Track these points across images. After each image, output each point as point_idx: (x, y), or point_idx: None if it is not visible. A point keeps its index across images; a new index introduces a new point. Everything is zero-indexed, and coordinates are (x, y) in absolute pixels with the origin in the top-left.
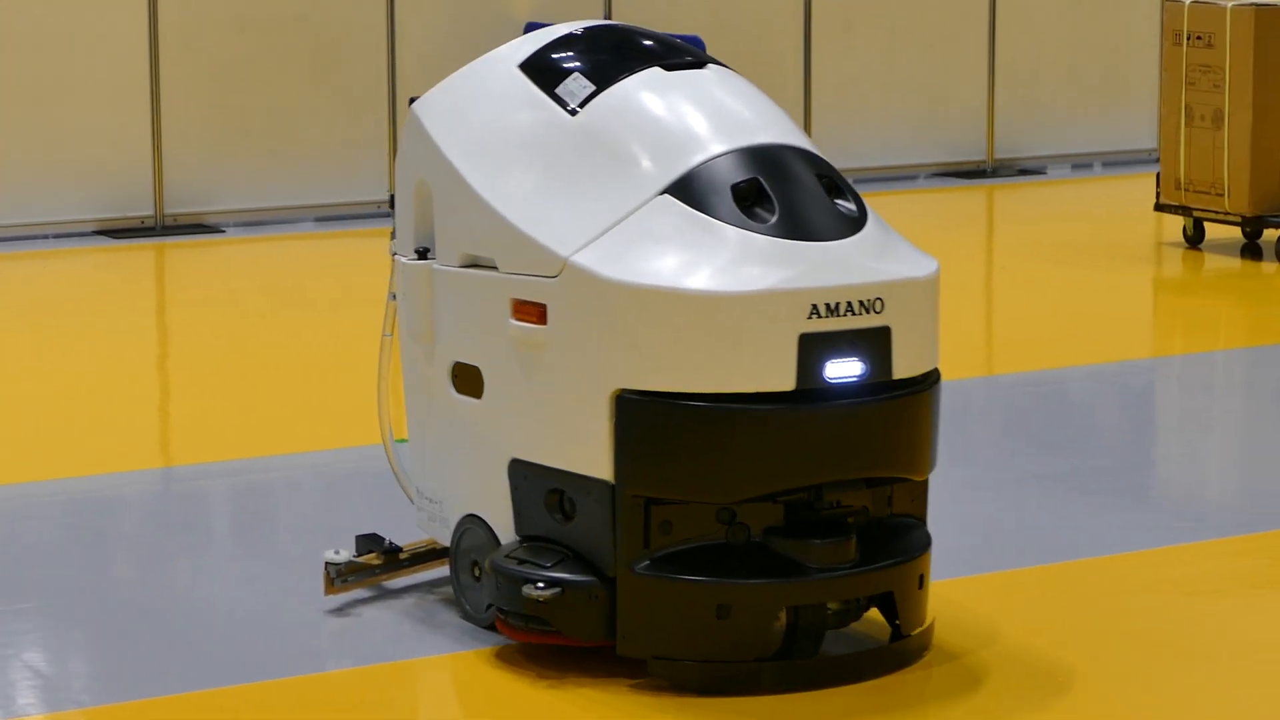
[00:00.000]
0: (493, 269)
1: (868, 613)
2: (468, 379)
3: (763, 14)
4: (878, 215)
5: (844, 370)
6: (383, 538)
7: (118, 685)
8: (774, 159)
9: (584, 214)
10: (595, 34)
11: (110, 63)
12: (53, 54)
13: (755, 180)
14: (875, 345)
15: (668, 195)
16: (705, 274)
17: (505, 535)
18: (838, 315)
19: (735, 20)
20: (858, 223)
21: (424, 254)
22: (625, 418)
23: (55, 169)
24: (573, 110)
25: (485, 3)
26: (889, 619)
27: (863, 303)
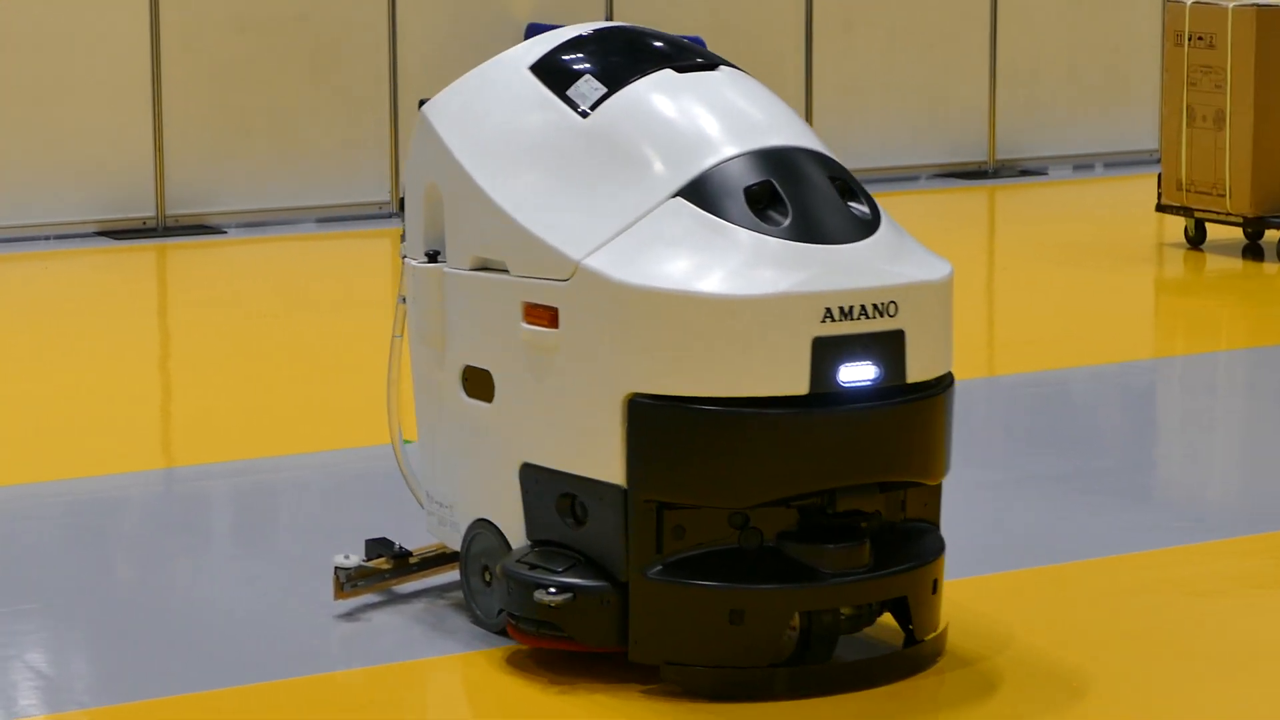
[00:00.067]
0: (504, 272)
1: (881, 618)
2: (478, 383)
3: (763, 14)
4: (891, 218)
5: (858, 374)
6: (392, 542)
7: (119, 686)
8: (787, 161)
9: (596, 217)
10: (606, 35)
11: (111, 63)
12: (53, 54)
13: (768, 183)
14: (889, 349)
15: (680, 198)
16: (718, 277)
17: (516, 540)
18: (851, 319)
19: (735, 20)
20: (871, 225)
21: (434, 257)
22: (638, 422)
23: (56, 169)
24: (584, 112)
25: (486, 3)
26: (902, 624)
27: (876, 306)
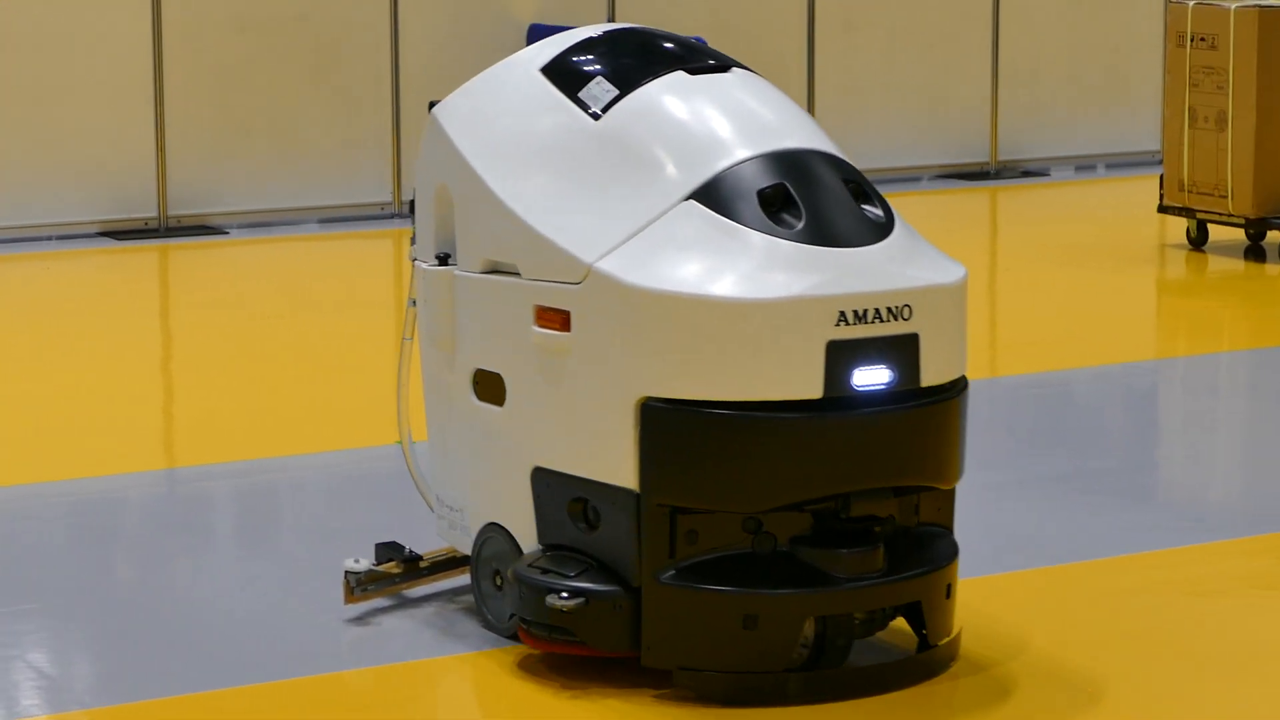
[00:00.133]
0: (515, 275)
1: (895, 622)
2: (489, 386)
3: (764, 14)
4: (905, 221)
5: (872, 378)
6: (402, 546)
7: (121, 686)
8: (800, 164)
9: (608, 219)
10: (617, 37)
11: (112, 63)
12: (54, 54)
13: (782, 185)
14: (903, 352)
15: (693, 201)
16: (731, 280)
17: (527, 544)
18: (865, 322)
19: (736, 20)
20: (885, 228)
21: (445, 260)
22: (650, 425)
23: (57, 170)
24: (596, 114)
25: (487, 3)
26: (916, 629)
27: (890, 309)
